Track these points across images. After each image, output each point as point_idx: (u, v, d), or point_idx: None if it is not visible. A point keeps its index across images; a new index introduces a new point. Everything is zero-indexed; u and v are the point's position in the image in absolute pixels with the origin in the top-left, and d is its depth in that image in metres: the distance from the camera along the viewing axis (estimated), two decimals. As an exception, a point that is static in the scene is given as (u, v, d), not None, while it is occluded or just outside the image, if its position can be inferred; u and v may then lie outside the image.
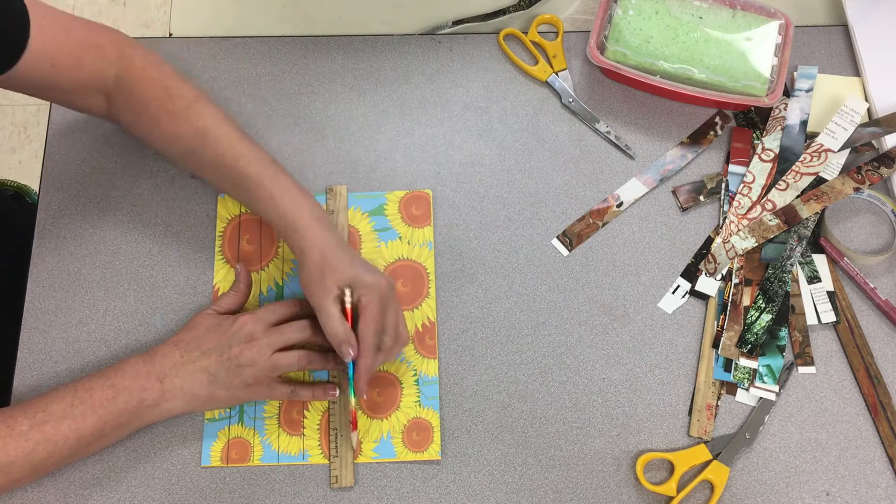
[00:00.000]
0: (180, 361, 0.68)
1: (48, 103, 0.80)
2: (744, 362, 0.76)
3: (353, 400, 0.70)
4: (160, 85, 0.73)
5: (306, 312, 0.73)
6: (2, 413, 0.65)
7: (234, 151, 0.72)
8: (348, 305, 0.68)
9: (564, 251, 0.80)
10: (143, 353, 0.69)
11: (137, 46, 0.74)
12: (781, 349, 0.76)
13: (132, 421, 0.68)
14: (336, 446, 0.72)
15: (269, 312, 0.71)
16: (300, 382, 0.73)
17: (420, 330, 0.77)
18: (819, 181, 0.81)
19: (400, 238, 0.80)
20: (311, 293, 0.68)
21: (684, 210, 0.82)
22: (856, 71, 0.88)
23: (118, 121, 0.76)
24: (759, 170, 0.83)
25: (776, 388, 0.75)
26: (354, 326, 0.68)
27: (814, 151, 0.82)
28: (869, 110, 0.85)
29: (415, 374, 0.76)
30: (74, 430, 0.65)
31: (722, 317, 0.78)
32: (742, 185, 0.82)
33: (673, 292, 0.79)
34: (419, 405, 0.74)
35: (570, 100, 0.86)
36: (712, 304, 0.78)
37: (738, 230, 0.80)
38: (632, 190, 0.83)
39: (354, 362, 0.68)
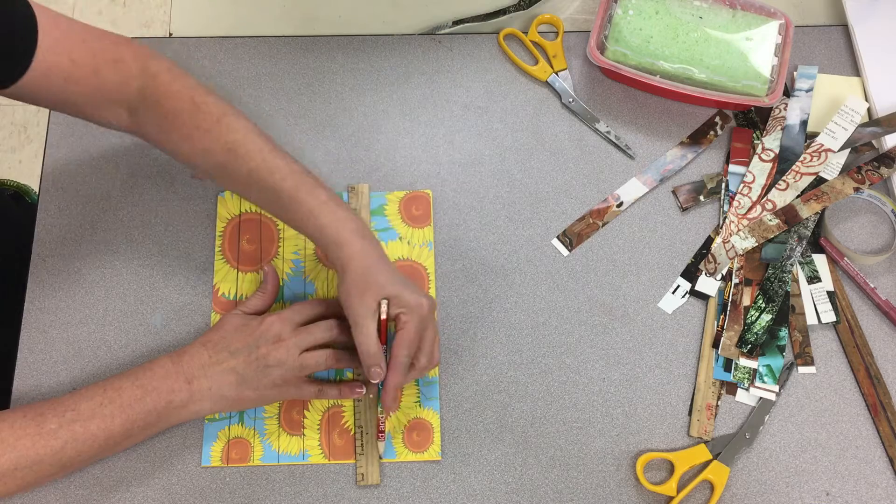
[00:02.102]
0: (208, 362, 0.68)
1: (48, 103, 0.80)
2: (744, 362, 0.76)
3: (380, 410, 0.71)
4: (187, 98, 0.70)
5: (332, 312, 0.73)
6: (31, 411, 0.65)
7: (267, 166, 0.69)
8: (383, 316, 0.67)
9: (564, 251, 0.80)
10: (171, 352, 0.69)
11: (161, 58, 0.71)
12: (781, 349, 0.76)
13: (160, 421, 0.68)
14: (362, 444, 0.72)
15: (295, 313, 0.70)
16: (327, 381, 0.74)
17: (420, 330, 0.77)
18: (819, 181, 0.81)
19: (400, 238, 0.80)
20: (350, 307, 0.67)
21: (684, 210, 0.82)
22: (856, 71, 0.88)
23: (144, 135, 0.73)
24: (759, 170, 0.83)
25: (776, 388, 0.75)
26: (389, 341, 0.68)
27: (814, 151, 0.82)
28: (869, 110, 0.85)
29: (415, 374, 0.76)
30: (103, 429, 0.65)
31: (722, 317, 0.78)
32: (742, 185, 0.82)
33: (673, 292, 0.79)
34: (419, 405, 0.74)
35: (570, 100, 0.86)
36: (712, 304, 0.78)
37: (738, 230, 0.80)
38: (632, 190, 0.83)
39: (387, 378, 0.67)
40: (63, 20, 0.65)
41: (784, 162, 0.83)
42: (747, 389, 0.75)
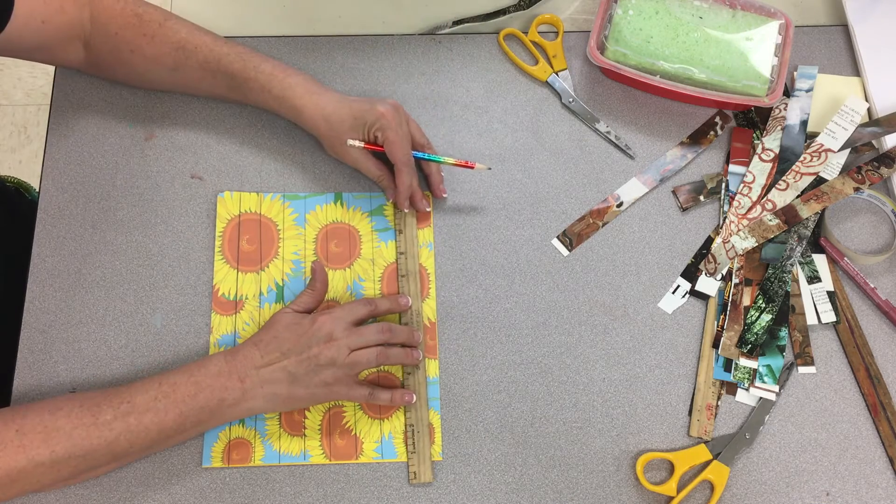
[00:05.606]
0: (260, 362, 0.69)
1: (48, 103, 0.80)
2: (744, 362, 0.76)
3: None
4: (130, 12, 0.76)
5: (384, 310, 0.74)
6: (88, 400, 0.66)
7: (215, 55, 0.77)
8: (364, 144, 0.76)
9: (564, 251, 0.80)
10: (225, 350, 0.70)
11: None
12: (781, 349, 0.76)
13: (212, 418, 0.68)
14: (413, 442, 0.73)
15: (347, 312, 0.71)
16: (378, 386, 0.73)
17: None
18: (819, 181, 0.81)
19: (400, 238, 0.80)
20: (340, 155, 0.79)
21: (684, 210, 0.82)
22: (856, 71, 0.88)
23: (98, 65, 0.80)
24: (759, 170, 0.83)
25: (776, 388, 0.75)
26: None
27: (814, 151, 0.82)
28: (869, 110, 0.85)
29: (415, 375, 0.76)
30: (156, 423, 0.66)
31: (722, 317, 0.78)
32: (742, 185, 0.82)
33: (673, 292, 0.79)
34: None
35: (570, 100, 0.86)
36: (712, 304, 0.78)
37: (738, 230, 0.80)
38: (632, 190, 0.83)
39: (397, 183, 0.77)
40: None
41: (784, 162, 0.83)
42: (747, 389, 0.75)
